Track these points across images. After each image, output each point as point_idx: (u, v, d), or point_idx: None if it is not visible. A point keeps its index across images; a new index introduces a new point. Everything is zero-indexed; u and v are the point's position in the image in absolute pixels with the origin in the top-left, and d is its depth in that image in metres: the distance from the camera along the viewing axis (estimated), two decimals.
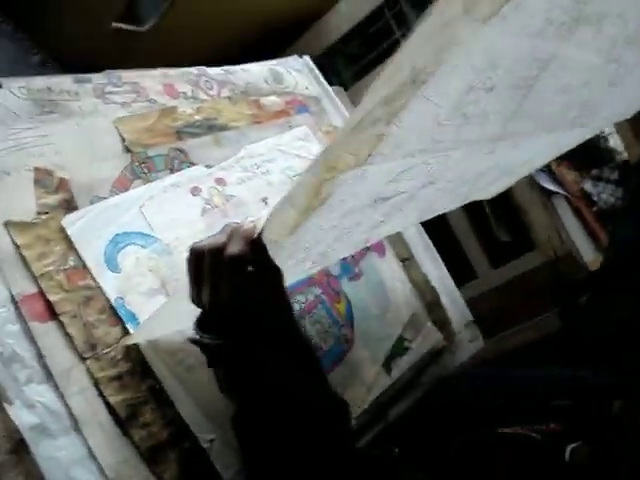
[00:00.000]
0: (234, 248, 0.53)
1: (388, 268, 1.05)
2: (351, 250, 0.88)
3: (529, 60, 0.60)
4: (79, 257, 0.70)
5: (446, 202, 0.92)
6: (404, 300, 1.03)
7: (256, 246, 0.54)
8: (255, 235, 0.54)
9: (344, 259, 0.98)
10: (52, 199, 0.71)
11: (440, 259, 1.17)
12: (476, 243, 1.52)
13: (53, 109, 0.75)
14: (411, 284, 1.07)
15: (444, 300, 1.11)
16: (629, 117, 0.97)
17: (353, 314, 0.96)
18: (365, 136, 0.50)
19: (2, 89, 0.71)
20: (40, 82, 0.75)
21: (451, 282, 1.16)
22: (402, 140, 0.55)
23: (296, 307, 0.88)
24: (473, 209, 1.46)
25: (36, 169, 0.71)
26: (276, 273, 0.58)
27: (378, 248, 1.06)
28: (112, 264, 0.72)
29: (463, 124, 0.60)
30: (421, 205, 0.82)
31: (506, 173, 0.95)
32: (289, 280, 0.73)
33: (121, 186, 0.78)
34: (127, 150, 0.80)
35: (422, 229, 1.16)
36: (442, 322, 1.08)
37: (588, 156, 1.45)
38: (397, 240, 1.09)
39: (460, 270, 1.50)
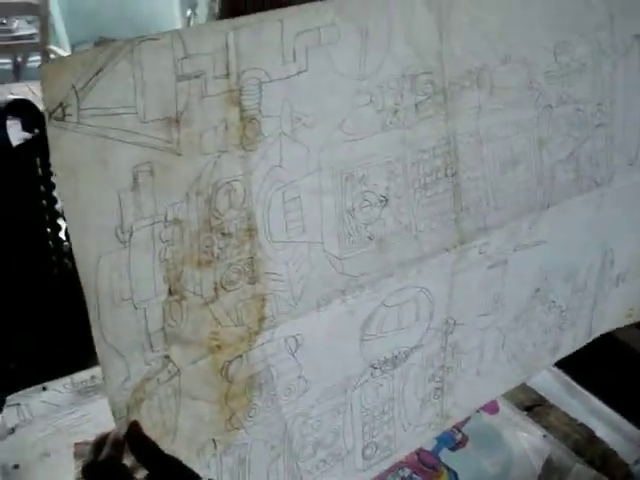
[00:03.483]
0: (105, 453, 0.45)
1: (506, 423, 0.90)
2: (420, 438, 0.67)
3: (416, 154, 0.52)
4: None
5: (550, 342, 0.76)
6: (532, 449, 0.85)
7: (134, 443, 0.44)
8: (122, 435, 0.44)
9: None
10: None
11: (585, 391, 0.97)
12: None
13: (95, 392, 0.86)
14: (544, 430, 0.89)
15: (602, 433, 0.89)
16: None
17: None
18: (227, 306, 0.44)
19: (47, 391, 0.85)
20: (84, 374, 0.88)
21: (609, 410, 0.94)
22: (298, 290, 0.48)
23: None
24: None
25: (76, 444, 0.79)
26: (173, 462, 0.45)
27: (487, 406, 0.92)
28: None
29: (379, 248, 0.52)
30: (498, 355, 0.70)
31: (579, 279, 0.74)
32: None
33: None
34: None
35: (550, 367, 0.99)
36: (603, 457, 0.85)
37: None
38: (514, 389, 0.94)
39: None
